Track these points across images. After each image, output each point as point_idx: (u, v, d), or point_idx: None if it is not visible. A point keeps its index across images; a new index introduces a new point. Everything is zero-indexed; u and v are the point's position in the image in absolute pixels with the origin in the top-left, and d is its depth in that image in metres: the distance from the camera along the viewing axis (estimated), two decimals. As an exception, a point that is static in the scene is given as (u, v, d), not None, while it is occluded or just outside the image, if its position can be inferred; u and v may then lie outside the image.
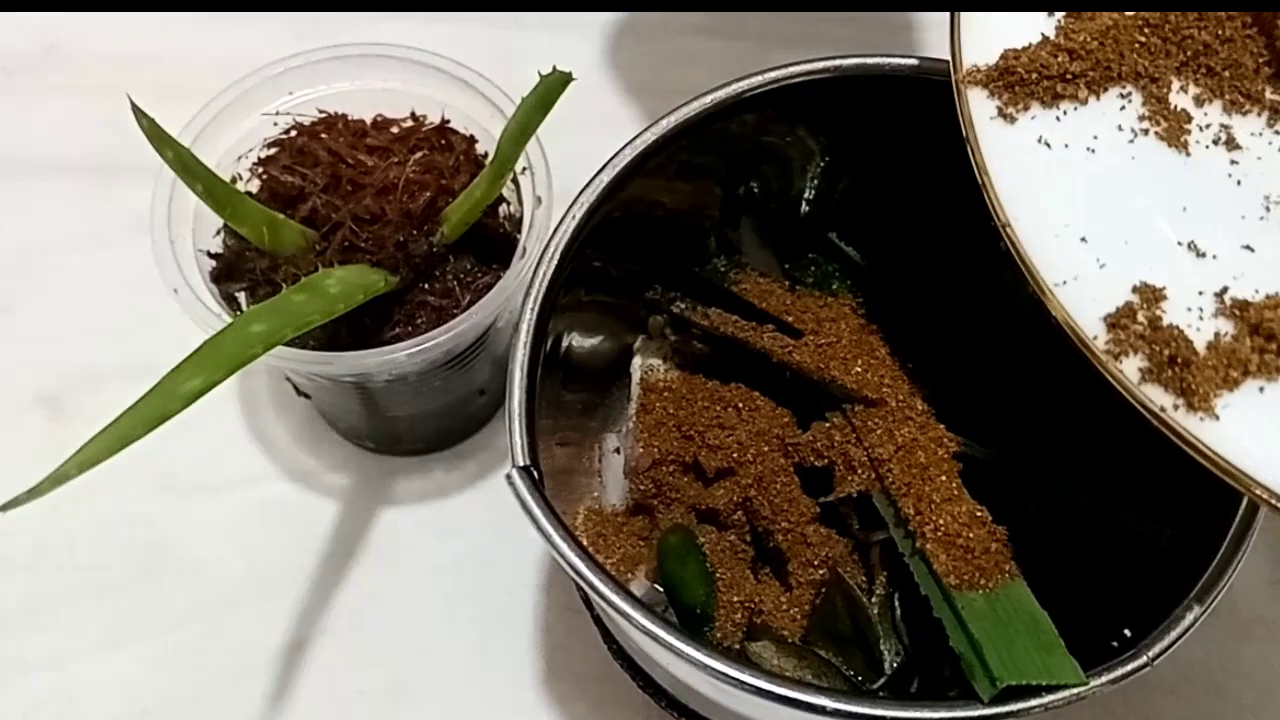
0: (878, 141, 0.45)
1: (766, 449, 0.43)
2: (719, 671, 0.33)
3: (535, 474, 0.36)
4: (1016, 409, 0.43)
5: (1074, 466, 0.41)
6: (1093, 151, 0.37)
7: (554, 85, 0.40)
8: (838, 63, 0.42)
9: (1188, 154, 0.37)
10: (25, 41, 0.62)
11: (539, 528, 0.35)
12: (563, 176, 0.45)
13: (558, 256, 0.40)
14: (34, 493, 0.32)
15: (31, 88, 0.61)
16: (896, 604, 0.40)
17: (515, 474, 0.36)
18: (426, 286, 0.46)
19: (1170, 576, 0.36)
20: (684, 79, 0.49)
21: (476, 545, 0.51)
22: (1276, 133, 0.38)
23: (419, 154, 0.47)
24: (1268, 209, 0.37)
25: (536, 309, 0.39)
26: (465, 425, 0.54)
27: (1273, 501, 0.33)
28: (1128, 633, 0.36)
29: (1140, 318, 0.35)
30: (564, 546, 0.35)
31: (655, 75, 0.62)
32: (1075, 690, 0.33)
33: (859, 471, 0.41)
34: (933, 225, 0.45)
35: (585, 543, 0.44)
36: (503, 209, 0.48)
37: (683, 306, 0.46)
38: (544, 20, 0.63)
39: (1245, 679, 0.49)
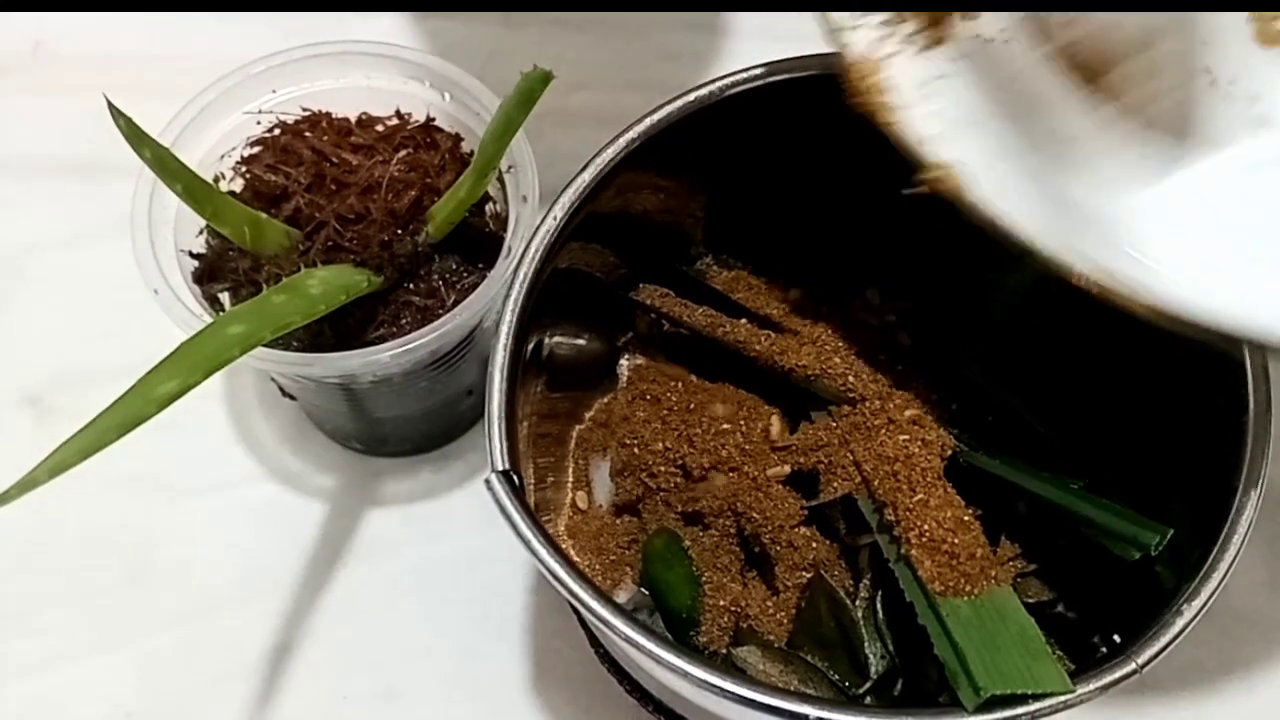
0: (868, 139, 0.44)
1: (754, 450, 0.42)
2: (700, 679, 0.33)
3: (515, 478, 0.36)
4: (1009, 409, 0.42)
5: (1066, 468, 0.40)
6: None
7: (535, 83, 0.39)
8: (821, 59, 0.41)
9: None
10: (10, 41, 0.61)
11: (518, 533, 0.35)
12: (555, 175, 0.44)
13: (539, 256, 0.39)
14: (3, 499, 0.31)
15: (17, 87, 0.61)
16: (879, 607, 0.39)
17: (494, 478, 0.35)
18: (411, 287, 0.45)
19: (1161, 581, 0.36)
20: (675, 75, 0.48)
21: (464, 547, 0.51)
22: None
23: (404, 152, 0.47)
24: None
25: (517, 310, 0.38)
26: (453, 426, 0.53)
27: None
28: (1117, 638, 0.35)
29: None
30: (544, 552, 0.34)
31: (646, 72, 0.61)
32: (1062, 698, 0.33)
33: (844, 474, 0.40)
34: (921, 222, 0.45)
35: (571, 545, 0.44)
36: (489, 208, 0.48)
37: (669, 305, 0.45)
38: (532, 17, 0.62)
39: (1240, 680, 0.49)
